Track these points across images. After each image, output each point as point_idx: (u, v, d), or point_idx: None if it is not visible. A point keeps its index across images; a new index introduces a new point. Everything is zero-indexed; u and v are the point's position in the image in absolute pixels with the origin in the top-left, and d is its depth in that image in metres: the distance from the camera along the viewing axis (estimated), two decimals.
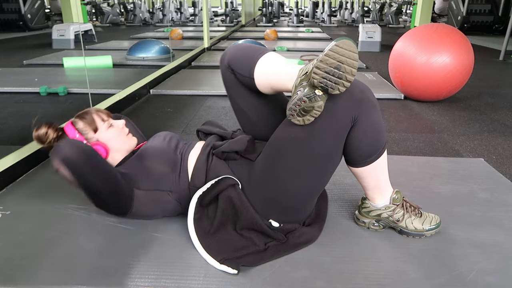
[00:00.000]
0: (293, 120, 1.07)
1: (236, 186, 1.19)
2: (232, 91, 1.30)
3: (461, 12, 8.15)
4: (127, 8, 6.92)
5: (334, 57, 0.98)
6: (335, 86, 0.99)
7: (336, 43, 0.98)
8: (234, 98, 1.32)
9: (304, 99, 1.02)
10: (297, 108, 1.04)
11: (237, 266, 1.08)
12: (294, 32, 8.49)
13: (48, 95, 2.80)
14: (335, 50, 0.98)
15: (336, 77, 0.98)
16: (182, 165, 1.26)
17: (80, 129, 1.28)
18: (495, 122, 2.61)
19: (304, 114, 1.04)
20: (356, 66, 0.98)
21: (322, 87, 1.00)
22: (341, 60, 0.97)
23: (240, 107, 1.32)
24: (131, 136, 1.37)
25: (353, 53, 0.97)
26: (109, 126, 1.31)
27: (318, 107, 1.02)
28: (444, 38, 2.79)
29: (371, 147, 1.13)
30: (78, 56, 3.07)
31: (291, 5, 20.66)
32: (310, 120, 1.06)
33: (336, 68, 0.98)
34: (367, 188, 1.24)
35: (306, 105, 1.02)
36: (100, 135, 1.29)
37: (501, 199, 1.49)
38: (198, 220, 1.19)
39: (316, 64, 1.00)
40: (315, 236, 1.22)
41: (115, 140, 1.30)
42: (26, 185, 1.57)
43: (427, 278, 1.06)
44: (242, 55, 1.22)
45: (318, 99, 1.01)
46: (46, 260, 1.12)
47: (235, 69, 1.23)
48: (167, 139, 1.36)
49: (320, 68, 0.99)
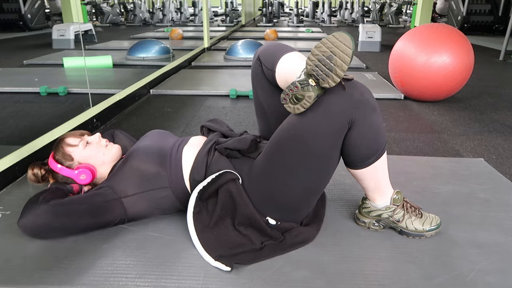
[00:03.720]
0: (285, 106, 1.09)
1: (236, 181, 1.19)
2: (256, 82, 1.35)
3: (461, 12, 8.15)
4: (127, 8, 6.92)
5: (327, 46, 1.01)
6: (325, 77, 1.01)
7: (334, 34, 1.02)
8: (256, 90, 1.37)
9: (297, 84, 1.04)
10: (290, 93, 1.06)
11: (231, 263, 1.08)
12: (294, 32, 8.49)
13: (48, 95, 2.80)
14: (331, 40, 1.01)
15: (327, 68, 1.00)
16: (173, 160, 1.26)
17: (59, 160, 1.31)
18: (495, 122, 2.61)
19: (295, 102, 1.07)
20: (347, 62, 0.99)
21: (314, 76, 1.03)
22: (333, 51, 1.00)
23: (259, 100, 1.37)
24: (112, 144, 1.37)
25: (347, 48, 0.99)
26: (85, 145, 1.32)
27: (308, 97, 1.04)
28: (444, 38, 2.79)
29: (369, 149, 1.13)
30: (78, 56, 3.07)
31: (291, 5, 20.66)
32: (300, 110, 1.07)
33: (328, 58, 1.00)
34: (367, 189, 1.23)
35: (298, 92, 1.04)
36: (80, 157, 1.31)
37: (501, 199, 1.49)
38: (197, 214, 1.19)
39: (312, 50, 1.03)
40: (312, 236, 1.22)
41: (96, 156, 1.32)
42: (26, 185, 1.57)
43: (427, 278, 1.06)
44: (271, 49, 1.28)
45: (309, 89, 1.03)
46: (46, 260, 1.12)
47: (262, 61, 1.29)
48: (156, 137, 1.37)
49: (314, 54, 1.02)
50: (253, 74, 1.35)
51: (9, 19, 3.66)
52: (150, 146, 1.30)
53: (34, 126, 2.26)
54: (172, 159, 1.26)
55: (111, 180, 1.23)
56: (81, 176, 1.28)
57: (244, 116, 2.67)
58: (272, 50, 1.28)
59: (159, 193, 1.23)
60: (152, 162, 1.24)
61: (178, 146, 1.30)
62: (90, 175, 1.29)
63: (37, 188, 1.32)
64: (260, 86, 1.34)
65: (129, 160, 1.26)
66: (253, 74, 1.35)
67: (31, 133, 1.87)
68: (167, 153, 1.27)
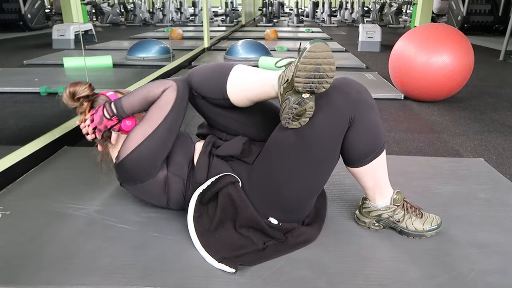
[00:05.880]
0: (291, 127, 1.09)
1: (236, 184, 1.19)
2: (209, 112, 1.30)
3: (461, 12, 8.15)
4: (127, 8, 6.92)
5: (310, 63, 0.99)
6: (319, 86, 1.01)
7: (308, 49, 0.99)
8: (211, 118, 1.32)
9: (294, 106, 1.04)
10: (291, 116, 1.06)
11: (235, 265, 1.08)
12: (294, 32, 8.49)
13: (48, 95, 2.80)
14: (309, 56, 0.99)
15: (318, 78, 1.00)
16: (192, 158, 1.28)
17: None
18: (495, 122, 2.61)
19: (298, 118, 1.07)
20: (333, 63, 1.00)
21: (307, 90, 1.02)
22: (317, 63, 0.99)
23: (224, 125, 1.32)
24: None
25: (327, 53, 0.99)
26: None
27: (309, 108, 1.04)
28: (444, 38, 2.79)
29: (368, 147, 1.13)
30: (78, 56, 3.07)
31: (291, 5, 20.67)
32: (306, 121, 1.08)
33: (315, 71, 0.99)
34: (367, 188, 1.24)
35: (298, 110, 1.04)
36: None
37: (501, 199, 1.49)
38: (198, 218, 1.19)
39: (295, 73, 1.01)
40: (314, 236, 1.22)
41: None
42: (26, 185, 1.57)
43: (427, 278, 1.06)
44: (207, 79, 1.22)
45: (307, 101, 1.03)
46: (46, 260, 1.12)
47: (205, 95, 1.23)
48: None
49: (301, 77, 1.00)
50: (198, 107, 1.30)
51: (9, 19, 3.65)
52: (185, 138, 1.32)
53: (34, 126, 2.26)
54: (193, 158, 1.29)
55: None
56: (127, 121, 1.24)
57: None
58: (208, 79, 1.21)
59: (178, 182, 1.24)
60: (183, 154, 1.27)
61: None
62: (132, 126, 1.24)
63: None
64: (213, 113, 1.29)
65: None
66: (198, 107, 1.29)
67: (31, 133, 1.87)
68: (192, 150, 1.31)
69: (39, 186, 1.56)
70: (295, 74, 1.01)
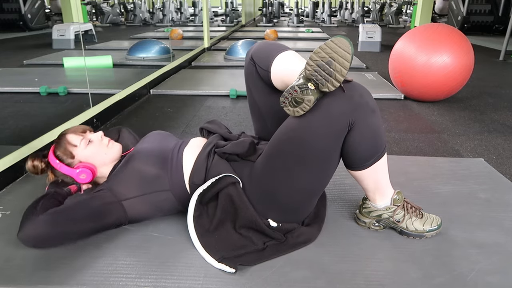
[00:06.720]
0: (284, 108, 1.09)
1: (236, 184, 1.19)
2: (250, 82, 1.34)
3: (461, 12, 8.15)
4: (127, 8, 6.93)
5: (326, 52, 1.00)
6: (324, 82, 1.01)
7: (332, 39, 1.00)
8: (251, 90, 1.36)
9: (296, 88, 1.04)
10: (289, 97, 1.06)
11: (235, 265, 1.08)
12: (294, 32, 8.49)
13: (48, 95, 2.80)
14: (330, 46, 1.00)
15: (326, 73, 1.00)
16: (174, 163, 1.25)
17: (59, 156, 1.29)
18: (495, 122, 2.61)
19: (295, 105, 1.06)
20: (346, 67, 0.99)
21: (313, 80, 1.02)
22: (332, 57, 0.99)
23: (254, 100, 1.36)
24: (113, 143, 1.35)
25: (346, 53, 0.99)
26: (87, 143, 1.30)
27: (307, 101, 1.04)
28: (444, 38, 2.79)
29: (369, 151, 1.13)
30: (78, 56, 3.07)
31: (291, 5, 20.65)
32: (300, 113, 1.07)
33: (327, 63, 0.99)
34: (367, 190, 1.23)
35: (298, 95, 1.04)
36: (81, 156, 1.29)
37: (501, 199, 1.49)
38: (197, 218, 1.19)
39: (311, 55, 1.02)
40: (314, 236, 1.22)
41: (97, 155, 1.30)
42: (26, 185, 1.57)
43: (427, 278, 1.06)
44: (265, 49, 1.27)
45: (309, 92, 1.03)
46: (46, 260, 1.12)
47: (256, 61, 1.28)
48: (157, 138, 1.36)
49: (313, 60, 1.01)
50: (246, 75, 1.35)
51: (9, 19, 3.66)
52: (151, 148, 1.30)
53: (34, 126, 2.26)
54: (173, 162, 1.25)
55: (111, 182, 1.23)
56: (81, 175, 1.27)
57: (244, 116, 2.67)
58: (265, 50, 1.27)
59: (159, 195, 1.23)
60: (153, 165, 1.23)
61: (179, 149, 1.29)
62: (90, 175, 1.28)
63: (35, 183, 1.32)
64: (254, 86, 1.33)
65: (130, 161, 1.25)
66: (247, 75, 1.34)
67: (31, 133, 1.87)
68: (168, 155, 1.27)
69: (39, 186, 1.56)
70: (310, 56, 1.02)
